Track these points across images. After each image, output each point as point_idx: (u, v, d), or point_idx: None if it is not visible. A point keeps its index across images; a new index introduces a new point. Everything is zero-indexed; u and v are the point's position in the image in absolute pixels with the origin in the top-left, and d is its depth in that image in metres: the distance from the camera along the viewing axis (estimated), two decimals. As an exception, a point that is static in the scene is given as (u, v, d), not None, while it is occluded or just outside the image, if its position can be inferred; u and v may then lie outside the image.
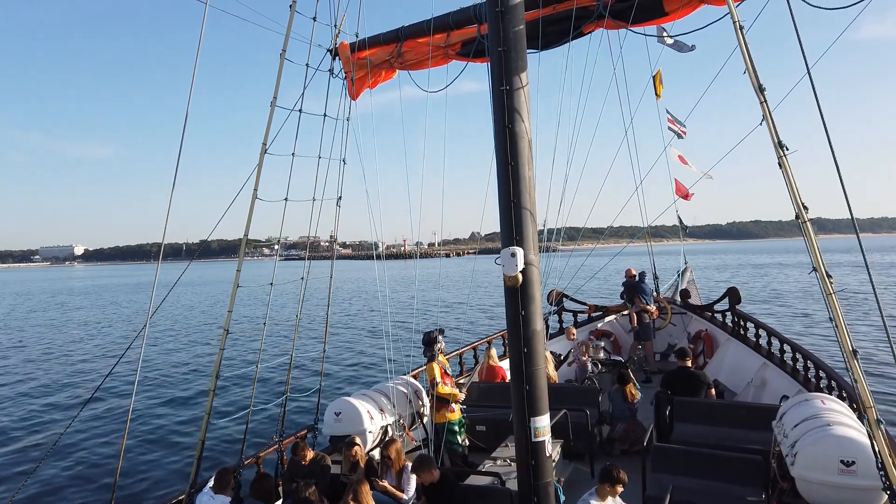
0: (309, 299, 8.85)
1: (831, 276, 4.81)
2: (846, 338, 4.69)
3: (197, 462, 7.42)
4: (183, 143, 7.00)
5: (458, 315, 41.25)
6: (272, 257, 36.34)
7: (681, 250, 21.23)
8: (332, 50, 8.75)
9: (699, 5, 6.73)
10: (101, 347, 35.09)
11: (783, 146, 4.91)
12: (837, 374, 9.33)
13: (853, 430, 5.90)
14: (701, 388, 9.47)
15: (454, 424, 8.75)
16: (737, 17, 5.20)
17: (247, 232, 7.78)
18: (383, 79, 9.03)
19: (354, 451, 7.38)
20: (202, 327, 43.26)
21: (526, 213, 5.52)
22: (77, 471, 14.61)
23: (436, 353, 8.81)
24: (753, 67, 5.07)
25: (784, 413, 7.05)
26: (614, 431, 9.62)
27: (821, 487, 5.80)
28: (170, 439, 16.85)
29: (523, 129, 5.54)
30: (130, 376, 20.07)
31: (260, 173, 7.61)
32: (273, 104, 7.57)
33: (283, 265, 8.59)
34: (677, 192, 15.89)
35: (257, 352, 8.28)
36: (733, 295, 14.18)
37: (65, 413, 20.15)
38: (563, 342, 14.67)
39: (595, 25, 7.22)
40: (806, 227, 4.84)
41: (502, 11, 5.45)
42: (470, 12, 7.63)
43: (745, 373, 12.22)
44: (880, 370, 19.20)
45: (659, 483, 6.82)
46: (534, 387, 5.58)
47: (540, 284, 5.77)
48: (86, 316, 56.03)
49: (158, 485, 13.55)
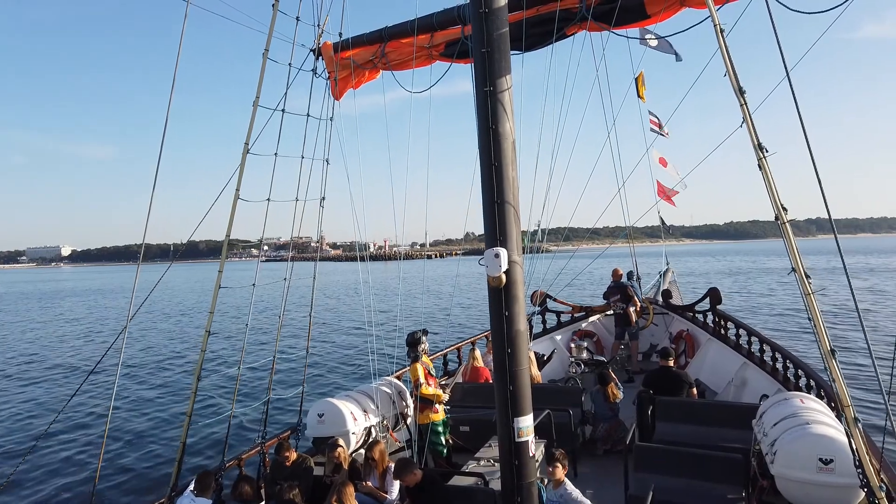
0: (297, 301, 8.81)
1: (810, 276, 4.88)
2: (824, 337, 4.76)
3: (178, 464, 7.35)
4: (164, 144, 6.92)
5: (443, 316, 41.26)
6: (261, 257, 35.93)
7: (664, 251, 21.40)
8: (316, 50, 8.70)
9: (680, 8, 6.79)
10: (81, 350, 34.64)
11: (763, 148, 4.97)
12: (816, 373, 9.46)
13: (831, 429, 5.99)
14: (683, 387, 9.55)
15: (438, 425, 8.74)
16: (717, 20, 5.26)
17: (228, 232, 7.72)
18: (367, 79, 9.00)
19: (338, 453, 7.35)
20: (185, 329, 42.90)
21: (510, 213, 5.53)
22: (56, 473, 14.38)
23: (419, 353, 8.79)
24: (734, 70, 5.13)
25: (764, 412, 7.14)
26: (597, 431, 9.67)
27: (799, 485, 5.87)
28: (150, 441, 16.65)
29: (507, 130, 5.55)
30: (111, 379, 19.83)
31: (242, 173, 7.55)
32: (255, 104, 7.52)
33: (272, 266, 8.52)
34: (659, 193, 16.06)
35: (240, 353, 8.22)
36: (714, 295, 14.33)
37: (43, 415, 19.85)
38: (546, 342, 14.73)
39: (578, 27, 7.26)
40: (785, 228, 4.91)
41: (486, 13, 5.46)
42: (454, 13, 7.63)
43: (725, 372, 12.35)
44: (858, 370, 19.48)
45: (641, 482, 6.87)
46: (517, 387, 5.59)
47: (524, 285, 5.78)
48: (66, 319, 55.32)
49: (139, 488, 13.38)
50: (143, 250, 7.43)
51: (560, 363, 14.30)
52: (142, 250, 7.33)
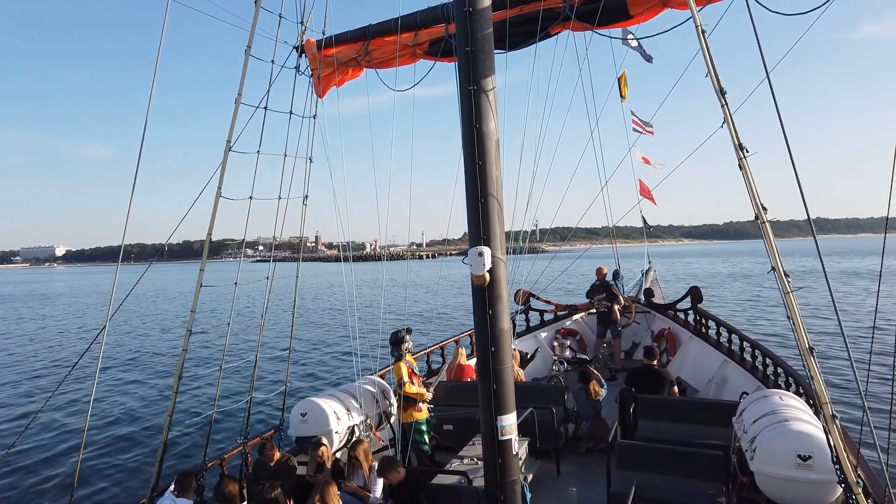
0: (281, 300, 8.74)
1: (789, 275, 4.94)
2: (803, 336, 4.82)
3: (159, 465, 7.27)
4: (143, 143, 6.84)
5: (426, 314, 41.22)
6: (254, 258, 35.00)
7: (647, 251, 21.59)
8: (299, 47, 8.65)
9: (663, 9, 6.84)
10: (60, 349, 34.17)
11: (744, 149, 5.02)
12: (795, 370, 9.58)
13: (810, 426, 6.06)
14: (664, 385, 9.62)
15: (421, 424, 8.74)
16: (699, 22, 5.30)
17: (210, 231, 7.66)
18: (350, 77, 8.96)
19: (321, 452, 7.32)
20: (168, 328, 42.50)
21: (494, 212, 5.54)
22: (34, 474, 14.17)
23: (403, 352, 8.78)
24: (715, 71, 5.18)
25: (744, 409, 7.21)
26: (579, 429, 9.72)
27: (778, 481, 5.94)
28: (131, 441, 16.48)
29: (491, 129, 5.56)
30: (90, 378, 19.58)
31: (224, 171, 7.50)
32: (238, 101, 7.47)
33: (264, 267, 8.47)
34: (641, 192, 16.21)
35: (222, 352, 8.16)
36: (695, 294, 14.47)
37: (22, 414, 19.57)
38: (529, 341, 14.77)
39: (561, 27, 7.29)
40: (764, 228, 4.97)
41: (470, 12, 5.47)
42: (438, 12, 7.63)
43: (706, 370, 12.47)
44: (836, 367, 19.75)
45: (623, 480, 6.92)
46: (501, 385, 5.61)
47: (507, 284, 5.80)
48: (48, 318, 54.54)
49: (119, 488, 13.23)
50: (138, 250, 7.37)
51: (543, 361, 14.35)
52: (121, 251, 7.29)
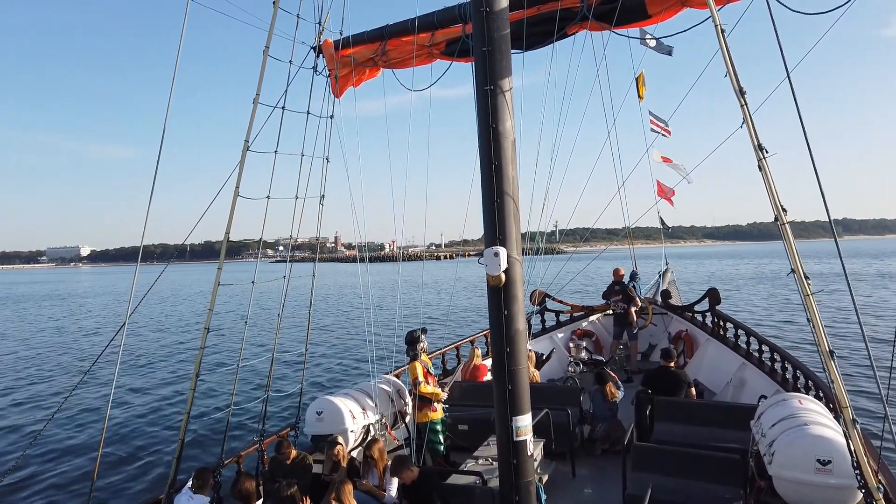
0: (297, 299, 8.81)
1: (809, 277, 4.87)
2: (823, 338, 4.75)
3: (176, 462, 7.34)
4: (163, 142, 6.94)
5: (441, 314, 41.26)
6: (274, 258, 35.06)
7: (664, 252, 21.42)
8: (316, 47, 8.70)
9: (681, 8, 6.78)
10: (80, 348, 34.65)
11: (763, 149, 4.96)
12: (815, 373, 9.46)
13: (829, 430, 5.98)
14: (681, 387, 9.55)
15: (436, 424, 8.74)
16: (718, 21, 5.25)
17: (228, 230, 7.71)
18: (367, 77, 9.00)
19: (337, 451, 7.35)
20: (187, 326, 42.96)
21: (509, 212, 5.53)
22: (53, 471, 14.38)
23: (418, 352, 8.79)
24: (734, 71, 5.12)
25: (762, 413, 7.13)
26: (595, 431, 9.66)
27: (797, 486, 5.87)
28: (149, 439, 16.65)
29: (507, 129, 5.55)
30: (109, 376, 19.82)
31: (242, 170, 7.56)
32: (256, 101, 7.53)
33: (281, 266, 8.53)
34: (659, 193, 16.09)
35: (238, 351, 8.23)
36: (713, 296, 14.34)
37: (41, 412, 19.86)
38: (545, 342, 14.72)
39: (579, 27, 7.25)
40: (784, 230, 4.90)
41: (487, 11, 5.46)
42: (455, 12, 7.63)
43: (724, 373, 12.35)
44: (857, 370, 19.47)
45: (639, 482, 6.87)
46: (516, 386, 5.59)
47: (523, 284, 5.78)
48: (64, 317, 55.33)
49: (137, 485, 13.38)
50: (160, 250, 7.46)
51: (559, 362, 14.30)
52: (140, 251, 7.37)
